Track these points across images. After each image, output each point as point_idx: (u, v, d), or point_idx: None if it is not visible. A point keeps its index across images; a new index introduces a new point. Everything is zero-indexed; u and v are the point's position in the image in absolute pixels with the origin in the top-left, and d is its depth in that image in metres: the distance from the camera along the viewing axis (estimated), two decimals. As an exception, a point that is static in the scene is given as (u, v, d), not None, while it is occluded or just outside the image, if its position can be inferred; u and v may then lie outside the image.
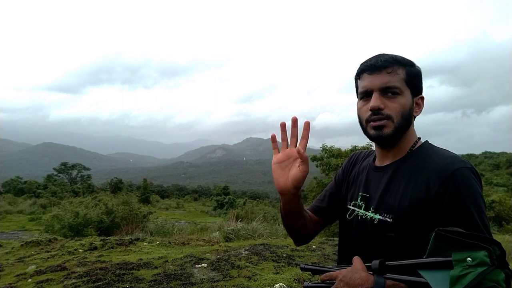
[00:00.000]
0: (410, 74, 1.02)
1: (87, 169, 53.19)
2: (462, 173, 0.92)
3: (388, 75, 1.00)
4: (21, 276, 4.65)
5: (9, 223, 16.54)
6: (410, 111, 1.02)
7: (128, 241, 6.87)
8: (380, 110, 1.00)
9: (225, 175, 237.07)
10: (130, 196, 16.24)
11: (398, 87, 1.00)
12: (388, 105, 1.00)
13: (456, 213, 0.90)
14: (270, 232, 8.32)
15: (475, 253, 0.74)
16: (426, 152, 1.03)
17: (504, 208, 14.67)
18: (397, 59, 1.02)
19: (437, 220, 0.91)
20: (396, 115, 0.99)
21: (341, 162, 10.75)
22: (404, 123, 1.01)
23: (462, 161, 0.95)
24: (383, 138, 1.01)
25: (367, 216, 1.06)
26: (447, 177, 0.92)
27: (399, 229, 0.97)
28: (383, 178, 1.06)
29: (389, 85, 1.00)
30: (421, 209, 0.94)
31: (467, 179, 0.92)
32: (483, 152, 63.61)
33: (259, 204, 23.22)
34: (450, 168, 0.93)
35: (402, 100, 1.00)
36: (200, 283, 4.10)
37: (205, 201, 43.57)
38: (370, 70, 1.03)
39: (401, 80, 1.00)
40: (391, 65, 1.01)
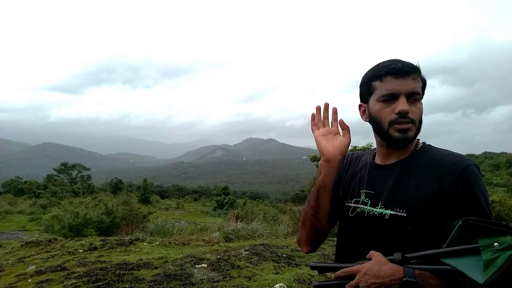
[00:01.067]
0: (424, 81, 1.10)
1: (87, 169, 53.17)
2: (472, 169, 1.00)
3: (413, 81, 1.06)
4: (21, 276, 4.65)
5: (9, 223, 16.53)
6: (422, 115, 1.09)
7: (128, 241, 6.87)
8: (406, 114, 1.04)
9: (225, 175, 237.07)
10: (130, 196, 16.25)
11: (420, 93, 1.07)
12: (411, 110, 1.05)
13: (471, 207, 0.97)
14: (270, 232, 8.32)
15: (502, 238, 0.80)
16: (430, 151, 1.10)
17: (504, 208, 14.62)
18: (416, 66, 1.08)
19: (451, 213, 0.97)
20: (417, 120, 1.07)
21: (341, 162, 10.74)
22: (420, 127, 1.09)
23: (468, 159, 1.03)
24: (408, 141, 1.07)
25: (374, 212, 1.08)
26: (459, 173, 0.99)
27: (415, 223, 1.01)
28: (391, 175, 1.10)
29: (414, 91, 1.06)
30: (434, 204, 0.99)
31: (476, 175, 1.00)
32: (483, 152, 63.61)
33: (259, 204, 23.20)
34: (461, 165, 1.00)
35: (421, 106, 1.08)
36: (200, 283, 4.09)
37: (205, 201, 43.51)
38: (396, 74, 1.05)
39: (420, 87, 1.08)
40: (415, 72, 1.07)
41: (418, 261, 0.92)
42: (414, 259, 0.92)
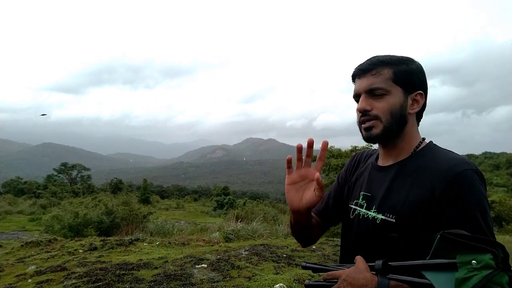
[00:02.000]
0: (398, 72, 1.02)
1: (87, 169, 53.14)
2: (467, 175, 0.92)
3: (373, 77, 1.02)
4: (21, 276, 4.65)
5: (9, 223, 16.53)
6: (401, 109, 1.02)
7: (128, 241, 6.87)
8: (367, 112, 1.03)
9: (225, 176, 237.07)
10: (130, 196, 16.24)
11: (382, 87, 1.01)
12: (375, 106, 1.02)
13: (460, 215, 0.90)
14: (270, 233, 8.31)
15: (481, 256, 0.74)
16: (431, 153, 1.03)
17: (504, 208, 14.66)
18: (382, 59, 1.03)
19: (441, 221, 0.91)
20: (384, 115, 1.01)
21: (342, 162, 10.74)
22: (394, 121, 1.01)
23: (467, 163, 0.95)
24: (372, 138, 1.04)
25: (368, 215, 1.06)
26: (452, 179, 0.92)
27: (402, 230, 0.97)
28: (386, 178, 1.06)
29: (372, 87, 1.02)
30: (425, 210, 0.94)
31: (472, 181, 0.92)
32: (483, 152, 63.65)
33: (259, 205, 23.23)
34: (455, 170, 0.93)
35: (390, 99, 1.01)
36: (200, 284, 4.09)
37: (205, 202, 43.52)
38: (358, 74, 1.06)
39: (386, 80, 1.01)
40: (375, 67, 1.03)
41: (402, 271, 0.87)
42: (397, 269, 0.87)
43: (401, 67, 1.03)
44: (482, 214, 0.90)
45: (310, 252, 5.91)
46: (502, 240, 7.76)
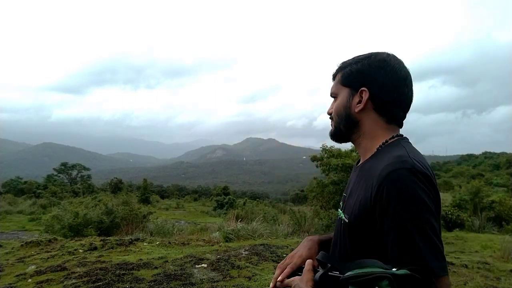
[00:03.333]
0: (346, 74, 1.06)
1: (87, 169, 53.12)
2: (399, 175, 0.84)
3: (333, 83, 1.13)
4: (21, 276, 4.65)
5: (9, 223, 16.52)
6: (345, 109, 1.05)
7: (128, 241, 6.87)
8: (330, 114, 1.14)
9: (225, 175, 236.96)
10: (130, 196, 16.26)
11: (333, 92, 1.11)
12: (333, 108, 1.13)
13: (388, 223, 0.84)
14: (270, 232, 8.32)
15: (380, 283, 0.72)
16: (386, 151, 0.97)
17: (504, 208, 14.65)
18: (341, 65, 1.10)
19: (377, 228, 0.88)
20: (334, 116, 1.10)
21: (342, 162, 10.74)
22: (341, 121, 1.07)
23: (403, 161, 0.86)
24: (330, 136, 1.16)
25: (341, 216, 1.07)
26: (382, 181, 0.85)
27: (351, 231, 0.97)
28: (353, 178, 1.11)
29: (330, 92, 1.14)
30: (367, 213, 0.90)
31: (402, 183, 0.83)
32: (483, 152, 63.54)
33: (259, 204, 23.20)
34: (386, 169, 0.86)
35: (337, 101, 1.09)
36: (200, 283, 4.09)
37: (205, 201, 43.48)
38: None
39: (337, 84, 1.10)
40: (336, 73, 1.12)
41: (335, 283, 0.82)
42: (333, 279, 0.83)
43: (351, 67, 1.05)
44: (412, 220, 0.81)
45: (310, 252, 5.91)
46: (502, 239, 7.76)
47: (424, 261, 0.79)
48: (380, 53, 1.03)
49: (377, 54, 1.03)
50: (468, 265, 5.26)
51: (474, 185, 16.31)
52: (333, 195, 11.25)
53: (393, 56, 1.03)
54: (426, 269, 0.77)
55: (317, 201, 12.10)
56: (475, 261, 5.74)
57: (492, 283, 4.49)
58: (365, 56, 1.05)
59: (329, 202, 11.28)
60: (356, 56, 1.08)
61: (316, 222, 10.22)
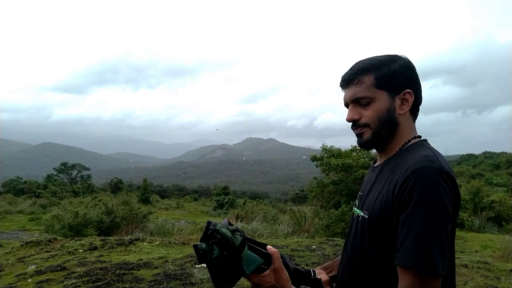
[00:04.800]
0: (380, 77, 1.01)
1: (87, 169, 53.14)
2: (424, 173, 0.88)
3: (355, 87, 1.03)
4: (21, 276, 4.65)
5: (9, 223, 16.53)
6: (389, 112, 1.01)
7: (128, 241, 6.87)
8: (356, 121, 1.05)
9: (225, 175, 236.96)
10: (130, 196, 16.23)
11: (365, 96, 1.02)
12: (364, 114, 1.03)
13: (406, 215, 0.87)
14: (270, 232, 8.32)
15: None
16: (409, 151, 1.01)
17: (504, 208, 14.65)
18: (362, 67, 1.03)
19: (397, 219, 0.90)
20: (372, 122, 1.02)
21: (342, 162, 10.74)
22: (383, 126, 1.02)
23: (431, 161, 0.90)
24: (363, 144, 1.07)
25: (359, 214, 1.09)
26: (408, 176, 0.89)
27: (371, 226, 0.98)
28: (372, 177, 1.10)
29: (356, 97, 1.03)
30: (388, 209, 0.93)
31: (427, 181, 0.87)
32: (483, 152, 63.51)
33: (259, 204, 23.18)
34: (414, 166, 0.90)
35: (376, 106, 1.01)
36: (200, 283, 4.09)
37: (205, 201, 43.50)
38: (342, 86, 1.09)
39: (368, 87, 1.01)
40: (356, 76, 1.03)
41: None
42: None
43: (383, 70, 1.02)
44: (430, 217, 0.85)
45: (310, 252, 5.91)
46: (502, 239, 7.75)
47: (433, 258, 0.83)
48: (400, 55, 1.07)
49: (400, 56, 1.06)
50: (468, 265, 5.26)
51: (474, 185, 16.31)
52: (333, 195, 11.25)
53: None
54: (434, 266, 0.83)
55: (317, 201, 12.09)
56: (475, 261, 5.73)
57: (492, 283, 4.49)
58: (390, 58, 1.04)
59: (329, 202, 11.27)
60: (374, 58, 1.05)
61: (316, 222, 10.22)
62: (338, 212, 9.71)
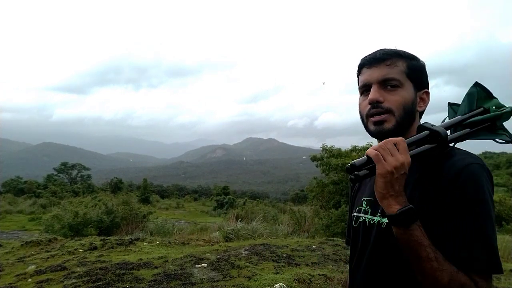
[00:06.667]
0: (411, 67, 0.97)
1: (87, 169, 53.15)
2: (474, 169, 0.87)
3: (387, 67, 0.96)
4: (21, 276, 4.65)
5: (9, 223, 16.54)
6: (412, 105, 0.96)
7: (128, 241, 6.87)
8: (379, 103, 0.95)
9: (225, 175, 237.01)
10: (130, 196, 16.25)
11: (398, 79, 0.95)
12: (388, 98, 0.95)
13: (460, 210, 0.85)
14: (270, 232, 8.32)
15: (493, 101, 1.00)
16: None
17: (504, 208, 14.67)
18: (397, 51, 0.98)
19: (443, 214, 0.86)
20: (397, 108, 0.94)
21: (342, 162, 10.73)
22: (406, 117, 0.95)
23: (475, 157, 0.91)
24: (383, 133, 0.95)
25: (374, 221, 1.00)
26: (459, 172, 0.86)
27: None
28: None
29: (387, 77, 0.95)
30: (431, 200, 0.89)
31: (478, 176, 0.86)
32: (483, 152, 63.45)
33: (259, 204, 23.21)
34: (461, 163, 0.88)
35: (403, 93, 0.95)
36: (200, 283, 4.09)
37: (205, 201, 43.51)
38: (369, 64, 0.99)
39: (401, 73, 0.96)
40: (390, 57, 0.97)
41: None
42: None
43: (415, 62, 0.99)
44: (485, 210, 0.85)
45: (310, 251, 5.91)
46: (502, 239, 7.75)
47: (493, 248, 0.85)
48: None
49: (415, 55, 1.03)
50: (468, 265, 5.26)
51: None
52: (333, 195, 11.25)
53: None
54: (500, 267, 0.86)
55: (317, 201, 12.09)
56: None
57: (492, 283, 4.49)
58: (414, 55, 1.01)
59: (329, 202, 11.27)
60: (400, 50, 1.00)
61: (316, 222, 10.22)
62: (338, 212, 9.71)
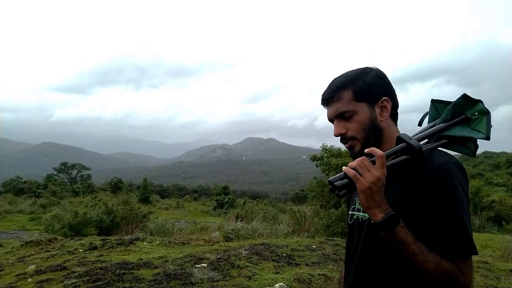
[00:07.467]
0: (357, 91, 1.08)
1: (87, 168, 53.15)
2: (448, 166, 0.99)
3: (336, 103, 1.10)
4: (21, 275, 4.65)
5: (9, 222, 16.53)
6: (371, 121, 1.09)
7: (128, 240, 6.87)
8: (343, 135, 1.11)
9: (225, 175, 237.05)
10: (130, 195, 16.24)
11: (348, 110, 1.08)
12: (349, 127, 1.10)
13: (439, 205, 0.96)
14: (270, 232, 8.32)
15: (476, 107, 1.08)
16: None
17: (504, 208, 14.66)
18: (339, 84, 1.10)
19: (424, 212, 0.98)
20: (358, 133, 1.09)
21: (342, 162, 10.73)
22: (369, 135, 1.09)
23: (449, 156, 1.04)
24: (355, 156, 1.09)
25: (365, 217, 1.11)
26: (435, 170, 0.98)
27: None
28: None
29: (339, 112, 1.10)
30: (411, 201, 1.00)
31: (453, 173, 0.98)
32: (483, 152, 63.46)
33: (259, 204, 23.19)
34: (436, 163, 1.00)
35: (358, 118, 1.08)
36: (200, 283, 4.09)
37: (205, 201, 43.53)
38: (323, 104, 1.15)
39: (349, 102, 1.08)
40: (335, 93, 1.10)
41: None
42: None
43: (358, 84, 1.09)
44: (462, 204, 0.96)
45: (310, 251, 5.91)
46: (502, 239, 7.76)
47: (470, 235, 0.96)
48: (371, 67, 1.15)
49: (371, 68, 1.13)
50: (468, 264, 5.26)
51: (474, 184, 16.31)
52: (333, 194, 11.24)
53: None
54: (472, 246, 0.95)
55: (317, 200, 12.09)
56: (475, 260, 5.74)
57: (492, 283, 4.49)
58: (363, 72, 1.12)
59: (329, 201, 11.27)
60: (348, 74, 1.12)
61: (316, 222, 10.22)
62: (338, 211, 9.71)
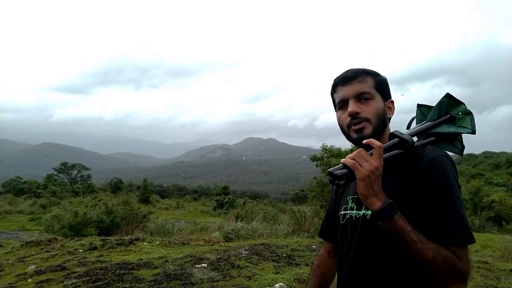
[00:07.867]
0: (378, 82, 1.16)
1: (87, 169, 53.12)
2: (441, 160, 1.04)
3: (359, 83, 1.14)
4: (21, 276, 4.65)
5: (9, 223, 16.53)
6: (384, 113, 1.15)
7: (128, 241, 6.87)
8: (357, 114, 1.12)
9: (225, 175, 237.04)
10: (130, 196, 16.22)
11: (370, 92, 1.13)
12: (364, 109, 1.12)
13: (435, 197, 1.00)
14: (270, 232, 8.32)
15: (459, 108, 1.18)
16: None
17: (504, 208, 14.65)
18: (365, 70, 1.17)
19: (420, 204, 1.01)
20: (372, 117, 1.12)
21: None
22: (380, 123, 1.13)
23: (439, 150, 1.10)
24: (364, 139, 1.08)
25: (360, 214, 1.14)
26: (428, 164, 1.03)
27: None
28: None
29: (361, 91, 1.13)
30: (407, 194, 1.04)
31: (445, 166, 1.03)
32: (483, 152, 63.50)
33: (259, 204, 23.19)
34: (429, 156, 1.05)
35: (376, 103, 1.13)
36: (200, 283, 4.09)
37: (205, 201, 43.53)
38: (343, 82, 1.16)
39: (371, 87, 1.14)
40: (360, 75, 1.15)
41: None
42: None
43: (379, 78, 1.17)
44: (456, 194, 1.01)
45: (310, 251, 5.92)
46: (502, 239, 7.76)
47: (466, 223, 0.99)
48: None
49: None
50: (468, 264, 5.26)
51: (474, 184, 16.31)
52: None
53: None
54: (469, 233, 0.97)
55: (317, 200, 12.10)
56: (475, 260, 5.75)
57: (492, 283, 4.49)
58: (377, 72, 1.20)
59: (329, 201, 11.28)
60: (367, 68, 1.19)
61: (316, 222, 10.22)
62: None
